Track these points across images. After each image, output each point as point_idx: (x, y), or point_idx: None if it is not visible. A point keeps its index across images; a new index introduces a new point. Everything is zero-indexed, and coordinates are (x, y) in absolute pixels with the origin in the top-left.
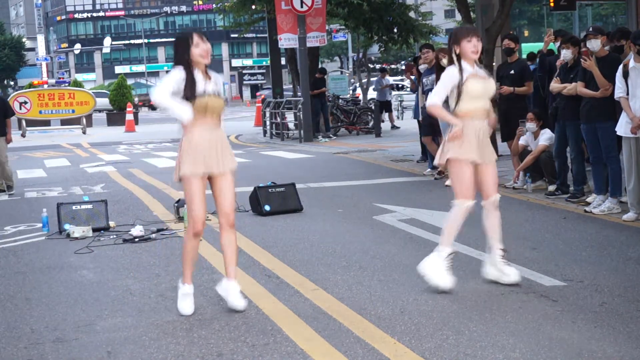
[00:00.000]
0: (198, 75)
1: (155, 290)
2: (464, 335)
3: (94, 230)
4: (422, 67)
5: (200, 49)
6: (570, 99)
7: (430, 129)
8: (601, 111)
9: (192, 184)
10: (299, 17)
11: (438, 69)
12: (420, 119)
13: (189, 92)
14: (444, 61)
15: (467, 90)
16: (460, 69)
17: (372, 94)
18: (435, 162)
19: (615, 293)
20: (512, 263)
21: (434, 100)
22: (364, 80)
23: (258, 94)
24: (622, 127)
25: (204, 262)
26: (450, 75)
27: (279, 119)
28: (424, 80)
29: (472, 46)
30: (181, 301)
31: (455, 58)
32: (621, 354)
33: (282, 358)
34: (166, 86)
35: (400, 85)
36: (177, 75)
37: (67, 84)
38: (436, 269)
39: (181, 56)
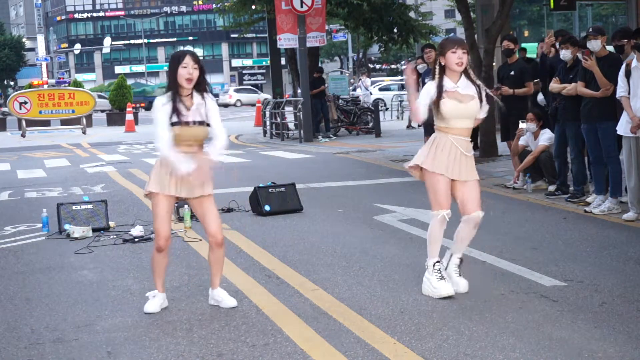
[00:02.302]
0: (178, 102)
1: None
2: (464, 335)
3: (94, 230)
4: (421, 67)
5: (186, 71)
6: (569, 99)
7: (432, 128)
8: (602, 111)
9: (158, 202)
10: (298, 17)
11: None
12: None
13: (174, 120)
14: None
15: (441, 109)
16: (440, 85)
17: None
18: (405, 164)
19: (615, 293)
20: (512, 263)
21: (420, 111)
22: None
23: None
24: (623, 127)
25: (203, 262)
26: (427, 90)
27: (279, 119)
28: (426, 80)
29: (456, 57)
30: (149, 302)
31: (437, 70)
32: (621, 354)
33: (282, 358)
34: (164, 132)
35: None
36: (163, 110)
37: (67, 84)
38: (433, 283)
39: (171, 76)
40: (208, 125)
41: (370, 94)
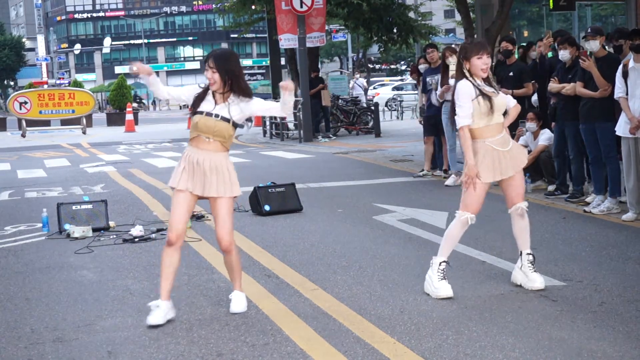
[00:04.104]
0: (210, 95)
1: (156, 290)
2: (463, 335)
3: (94, 230)
4: (422, 67)
5: (207, 74)
6: (568, 99)
7: (433, 129)
8: (600, 111)
9: (176, 194)
10: (298, 17)
11: (444, 68)
12: (420, 119)
13: (192, 107)
14: (450, 60)
15: (487, 104)
16: (475, 84)
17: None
18: (461, 178)
19: (615, 293)
20: (512, 263)
21: (465, 122)
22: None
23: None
24: (622, 127)
25: (203, 262)
26: (467, 90)
27: (278, 119)
28: (428, 79)
29: (482, 63)
30: (153, 313)
31: (467, 73)
32: (621, 354)
33: (282, 358)
34: (173, 88)
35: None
36: (193, 89)
37: (67, 84)
38: (434, 283)
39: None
40: (236, 126)
41: (366, 93)
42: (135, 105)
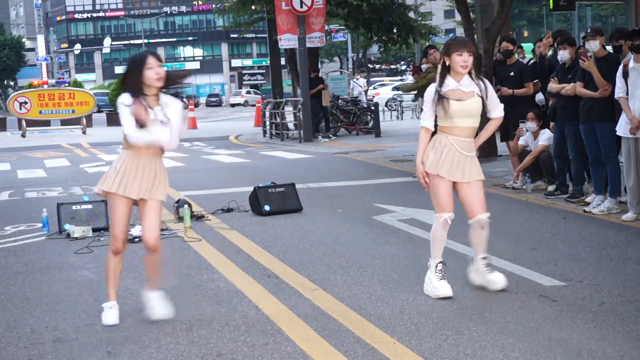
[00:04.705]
0: (144, 102)
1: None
2: (463, 335)
3: (94, 230)
4: (424, 67)
5: (153, 71)
6: (568, 99)
7: (434, 129)
8: (600, 111)
9: (114, 203)
10: (298, 17)
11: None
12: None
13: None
14: None
15: (443, 107)
16: (440, 84)
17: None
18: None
19: (615, 293)
20: (512, 263)
21: (423, 123)
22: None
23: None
24: (622, 128)
25: (203, 262)
26: (429, 93)
27: (278, 119)
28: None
29: (461, 60)
30: (105, 313)
31: (440, 70)
32: (620, 354)
33: (282, 358)
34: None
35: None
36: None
37: (67, 84)
38: (433, 283)
39: (132, 79)
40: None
41: (366, 93)
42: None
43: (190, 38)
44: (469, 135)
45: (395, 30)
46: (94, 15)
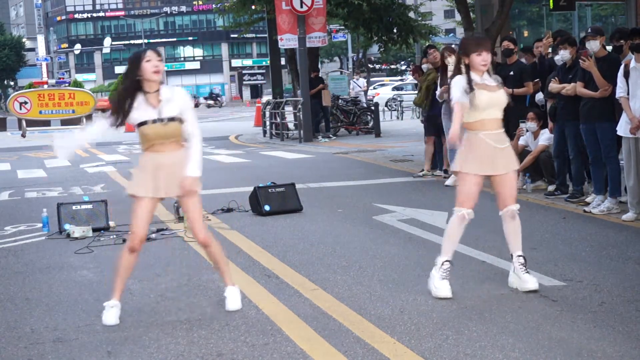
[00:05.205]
0: (143, 99)
1: (155, 290)
2: (463, 335)
3: (94, 230)
4: (424, 67)
5: (151, 64)
6: (568, 99)
7: (434, 129)
8: (601, 111)
9: (137, 202)
10: (299, 17)
11: (443, 68)
12: (422, 118)
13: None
14: (449, 60)
15: (474, 101)
16: (469, 80)
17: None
18: (452, 167)
19: (615, 293)
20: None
21: (461, 100)
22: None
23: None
24: (622, 127)
25: (203, 262)
26: (458, 81)
27: (278, 119)
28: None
29: (481, 60)
30: (106, 312)
31: (464, 69)
32: (620, 354)
33: (282, 358)
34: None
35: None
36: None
37: (67, 84)
38: (435, 282)
39: (130, 75)
40: (181, 121)
41: (366, 93)
42: (211, 102)
43: (190, 38)
44: (498, 127)
45: (395, 30)
46: (94, 15)
